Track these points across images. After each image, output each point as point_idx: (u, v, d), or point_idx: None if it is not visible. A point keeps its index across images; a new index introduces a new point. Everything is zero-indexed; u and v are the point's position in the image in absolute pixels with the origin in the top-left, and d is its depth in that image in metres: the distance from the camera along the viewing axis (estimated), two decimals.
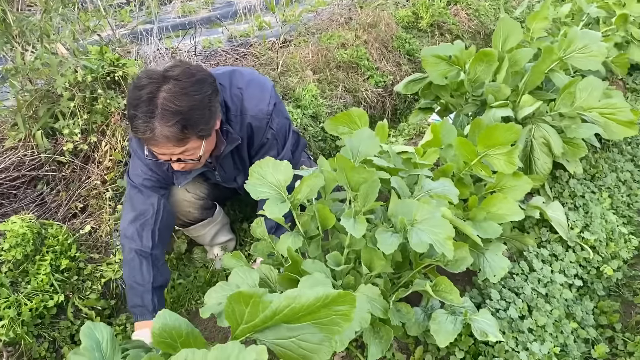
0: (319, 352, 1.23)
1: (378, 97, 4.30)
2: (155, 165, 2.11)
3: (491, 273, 1.94)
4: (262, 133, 2.18)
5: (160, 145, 1.82)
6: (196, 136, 1.85)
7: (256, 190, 1.74)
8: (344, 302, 1.18)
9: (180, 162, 1.94)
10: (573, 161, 2.88)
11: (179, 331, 1.22)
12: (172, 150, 1.86)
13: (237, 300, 1.18)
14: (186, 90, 1.78)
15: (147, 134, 1.77)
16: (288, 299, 1.17)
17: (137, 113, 1.75)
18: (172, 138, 1.79)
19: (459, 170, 2.37)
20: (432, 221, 1.61)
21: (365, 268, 1.66)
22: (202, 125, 1.84)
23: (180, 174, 2.16)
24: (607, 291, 2.50)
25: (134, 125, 1.78)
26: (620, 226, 2.73)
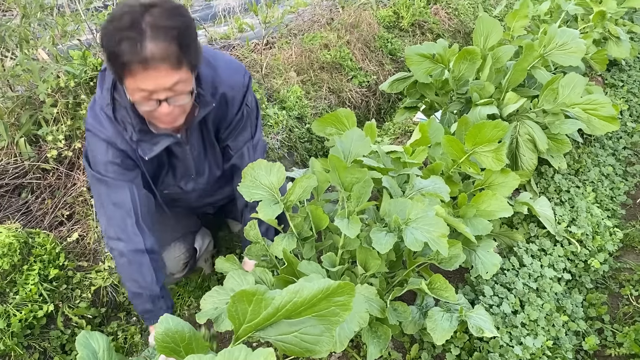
0: (320, 343, 1.24)
1: (362, 97, 4.31)
2: (117, 136, 1.77)
3: (483, 270, 1.96)
4: (237, 106, 1.94)
5: (152, 71, 1.51)
6: (188, 63, 1.58)
7: (250, 192, 1.73)
8: (343, 293, 1.19)
9: (169, 103, 1.61)
10: (557, 157, 2.92)
11: (182, 336, 1.21)
12: (165, 80, 1.54)
13: (240, 299, 1.17)
14: (172, 11, 1.54)
15: (139, 55, 1.47)
16: (290, 293, 1.18)
17: (122, 38, 1.47)
18: (170, 57, 1.50)
19: (448, 168, 2.39)
20: (426, 220, 1.62)
21: (361, 268, 1.66)
22: (194, 50, 1.59)
23: (146, 144, 1.79)
24: (595, 284, 2.55)
25: (121, 50, 1.47)
26: (605, 219, 2.78)
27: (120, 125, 1.76)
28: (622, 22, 4.65)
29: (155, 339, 1.18)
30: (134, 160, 1.85)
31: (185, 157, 1.96)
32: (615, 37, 4.15)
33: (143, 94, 1.57)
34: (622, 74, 4.48)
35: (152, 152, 1.81)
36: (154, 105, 1.61)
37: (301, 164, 3.52)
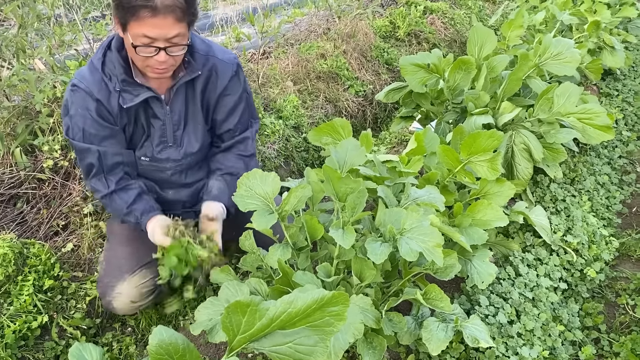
0: (314, 353, 1.23)
1: (359, 107, 4.33)
2: (96, 85, 1.91)
3: (479, 279, 1.96)
4: (226, 78, 2.08)
5: (160, 19, 1.69)
6: (189, 20, 1.79)
7: (244, 202, 1.73)
8: (337, 303, 1.19)
9: (167, 52, 1.79)
10: (553, 166, 2.93)
11: (176, 347, 1.20)
12: (168, 30, 1.73)
13: (234, 311, 1.17)
14: None
15: (149, 1, 1.66)
16: (284, 304, 1.17)
17: None
18: (177, 8, 1.70)
19: (443, 177, 2.39)
20: (421, 229, 1.62)
21: (356, 278, 1.66)
22: (194, 7, 1.79)
23: (127, 94, 1.93)
24: (591, 293, 2.54)
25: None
26: (601, 228, 2.78)
27: (106, 76, 1.91)
28: (616, 31, 4.68)
29: (149, 350, 1.18)
30: (110, 111, 1.96)
31: (164, 118, 2.05)
32: (610, 47, 4.18)
33: (145, 40, 1.74)
34: (617, 83, 4.50)
35: (132, 102, 1.95)
36: (152, 52, 1.78)
37: (297, 173, 3.53)
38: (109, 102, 1.94)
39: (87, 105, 1.93)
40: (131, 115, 2.00)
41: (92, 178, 2.04)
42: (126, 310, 2.14)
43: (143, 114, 2.02)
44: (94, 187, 2.07)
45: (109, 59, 1.91)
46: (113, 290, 2.10)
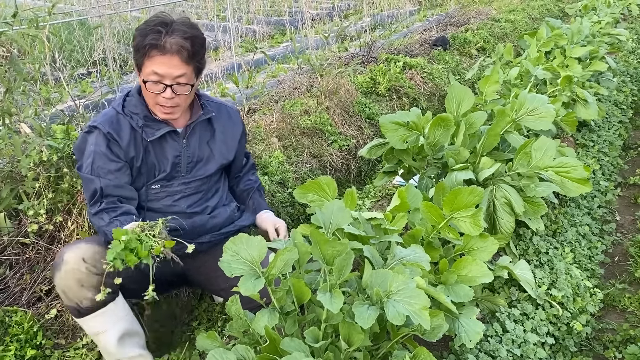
0: None
1: (343, 161, 4.39)
2: (113, 122, 2.14)
3: (467, 338, 1.96)
4: (239, 123, 2.47)
5: (167, 57, 1.99)
6: (195, 65, 2.08)
7: (230, 267, 1.73)
8: None
9: (173, 90, 2.05)
10: (535, 219, 2.98)
11: None
12: (174, 69, 2.01)
13: None
14: (193, 25, 2.08)
15: (159, 42, 1.96)
16: None
17: (150, 31, 1.98)
18: (184, 50, 1.99)
19: (428, 233, 2.42)
20: (407, 292, 1.63)
21: (344, 343, 1.66)
22: (202, 57, 2.11)
23: (149, 129, 2.17)
24: (579, 346, 2.55)
25: (147, 39, 1.97)
26: (585, 280, 2.81)
27: (126, 116, 2.15)
28: (588, 84, 4.86)
29: None
30: (123, 148, 2.13)
31: (180, 151, 2.26)
32: (583, 100, 4.33)
33: (154, 77, 2.02)
34: (592, 134, 4.64)
35: (154, 135, 2.17)
36: (160, 89, 2.04)
37: None
38: (120, 137, 2.14)
39: (99, 141, 2.13)
40: (149, 149, 2.20)
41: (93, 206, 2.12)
42: (74, 271, 2.00)
43: (160, 148, 2.22)
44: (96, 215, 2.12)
45: (129, 102, 2.19)
46: (65, 252, 2.06)
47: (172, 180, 2.27)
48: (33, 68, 3.28)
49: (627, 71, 6.45)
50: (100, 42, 5.99)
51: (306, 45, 7.14)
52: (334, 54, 6.02)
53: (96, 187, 2.09)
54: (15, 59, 2.85)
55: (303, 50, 6.69)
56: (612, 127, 4.92)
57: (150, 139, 2.17)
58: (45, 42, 3.76)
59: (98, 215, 2.07)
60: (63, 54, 5.78)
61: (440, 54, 6.78)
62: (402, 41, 7.23)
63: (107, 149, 2.12)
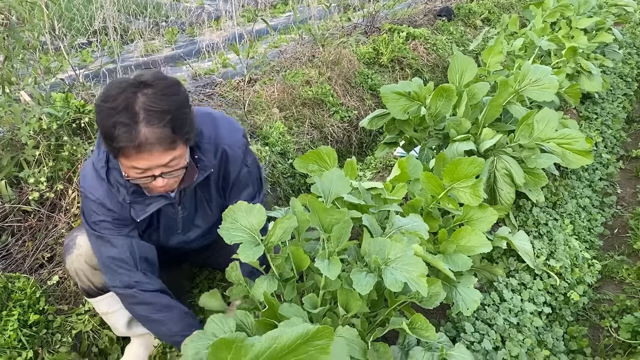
0: None
1: (344, 132, 4.38)
2: (108, 197, 1.84)
3: (464, 306, 1.98)
4: (238, 164, 1.99)
5: (146, 154, 1.58)
6: (183, 140, 1.66)
7: (230, 234, 1.74)
8: (322, 337, 1.20)
9: (164, 177, 1.69)
10: (535, 190, 2.98)
11: None
12: (159, 160, 1.62)
13: (219, 348, 1.18)
14: (165, 92, 1.60)
15: (133, 142, 1.54)
16: (269, 340, 1.18)
17: (116, 122, 1.53)
18: (164, 141, 1.58)
19: (427, 204, 2.42)
20: (405, 259, 1.64)
21: (342, 309, 1.68)
22: (187, 127, 1.66)
23: (138, 205, 1.87)
24: (575, 316, 2.58)
25: (115, 135, 1.54)
26: (583, 251, 2.82)
27: (113, 187, 1.82)
28: (593, 56, 4.81)
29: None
30: (124, 220, 1.90)
31: (175, 216, 2.01)
32: (587, 72, 4.29)
33: (137, 171, 1.66)
34: (595, 107, 4.61)
35: (145, 213, 1.88)
36: (148, 180, 1.70)
37: (284, 199, 3.54)
38: (121, 212, 1.88)
39: (102, 214, 1.87)
40: (143, 219, 1.93)
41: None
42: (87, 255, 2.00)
43: (154, 214, 1.96)
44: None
45: (112, 167, 1.81)
46: (78, 235, 2.04)
47: (169, 239, 2.10)
48: (32, 36, 3.25)
49: (634, 43, 6.36)
50: (101, 10, 5.90)
51: (309, 15, 7.04)
52: (336, 24, 5.95)
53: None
54: (14, 26, 2.82)
55: (305, 20, 6.60)
56: (616, 99, 4.87)
57: (139, 219, 1.89)
58: (44, 10, 3.70)
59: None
60: (63, 22, 5.70)
61: (445, 24, 6.69)
62: (405, 11, 7.13)
63: (114, 221, 1.89)
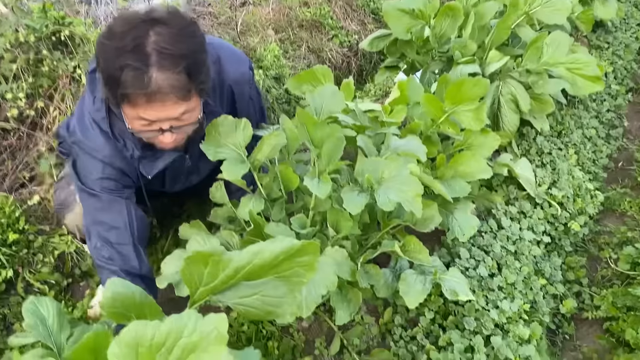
0: (282, 305, 1.17)
1: (343, 57, 4.18)
2: (115, 155, 1.63)
3: (460, 232, 1.90)
4: (245, 102, 1.82)
5: (158, 104, 1.38)
6: (197, 90, 1.45)
7: (214, 151, 1.63)
8: (306, 253, 1.11)
9: (173, 131, 1.49)
10: (540, 118, 2.85)
11: (132, 301, 1.13)
12: (171, 112, 1.42)
13: (195, 261, 1.09)
14: (182, 32, 1.39)
15: (143, 89, 1.33)
16: (250, 254, 1.10)
17: (124, 65, 1.32)
18: (179, 90, 1.37)
19: (427, 128, 2.30)
20: (400, 179, 1.54)
21: (332, 230, 1.59)
22: (203, 75, 1.45)
23: (148, 160, 1.66)
24: (574, 247, 2.51)
25: (123, 80, 1.33)
26: (587, 182, 2.73)
27: (119, 142, 1.60)
28: None
29: (102, 304, 1.10)
30: (131, 177, 1.72)
31: (182, 165, 1.82)
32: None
33: (143, 122, 1.45)
34: (607, 36, 4.38)
35: (155, 169, 1.69)
36: (155, 134, 1.50)
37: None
38: (129, 169, 1.69)
39: (107, 173, 1.67)
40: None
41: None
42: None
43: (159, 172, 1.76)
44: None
45: (116, 118, 1.57)
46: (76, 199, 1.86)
47: (173, 186, 1.94)
48: None
49: None
50: None
51: None
52: None
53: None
54: None
55: None
56: (630, 29, 4.63)
57: (151, 175, 1.69)
58: None
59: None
60: None
61: None
62: None
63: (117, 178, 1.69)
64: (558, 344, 2.17)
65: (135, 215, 1.74)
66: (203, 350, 0.94)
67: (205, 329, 0.94)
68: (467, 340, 1.75)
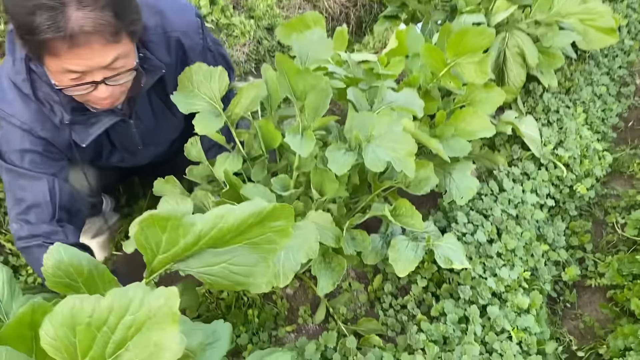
0: (254, 274, 1.04)
1: (341, 8, 3.95)
2: (37, 121, 1.43)
3: (458, 194, 1.76)
4: (199, 52, 1.58)
5: (83, 49, 1.19)
6: (128, 32, 1.26)
7: (186, 102, 1.47)
8: (280, 217, 0.98)
9: (107, 83, 1.31)
10: (548, 73, 2.66)
11: (79, 269, 1.00)
12: (100, 58, 1.23)
13: (150, 226, 0.95)
14: None
15: (62, 31, 1.14)
16: (215, 218, 0.96)
17: (36, 6, 1.12)
18: (104, 29, 1.18)
19: (427, 82, 2.13)
20: (392, 136, 1.39)
21: (316, 192, 1.44)
22: (133, 13, 1.27)
23: (81, 126, 1.47)
24: (579, 211, 2.37)
25: (36, 25, 1.13)
26: (595, 142, 2.57)
27: (45, 106, 1.41)
28: None
29: (44, 273, 0.96)
30: (59, 148, 1.52)
31: (129, 132, 1.62)
32: None
33: (72, 75, 1.26)
34: None
35: (90, 135, 1.49)
36: (87, 89, 1.30)
37: None
38: (58, 138, 1.48)
39: (30, 143, 1.46)
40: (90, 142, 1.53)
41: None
42: None
43: (103, 134, 1.55)
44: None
45: (39, 79, 1.38)
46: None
47: (133, 155, 1.75)
48: None
49: None
50: None
51: None
52: None
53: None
54: None
55: None
56: None
57: (85, 143, 1.50)
58: None
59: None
60: None
61: None
62: None
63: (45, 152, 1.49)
64: (558, 312, 2.06)
65: (61, 191, 1.54)
66: (150, 329, 0.81)
67: (154, 304, 0.81)
68: (462, 310, 1.63)
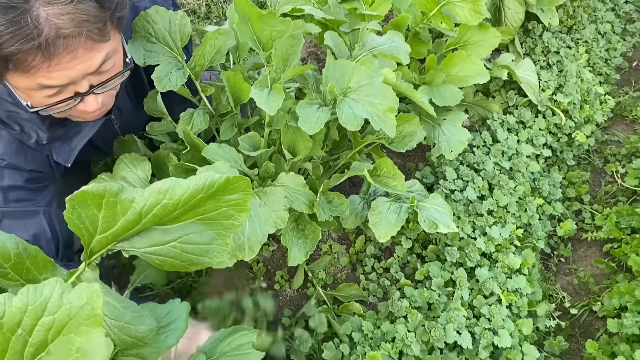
0: (210, 253, 0.93)
1: None
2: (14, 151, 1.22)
3: (447, 148, 1.63)
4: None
5: (64, 56, 0.97)
6: (114, 22, 1.05)
7: (142, 53, 1.31)
8: (235, 190, 0.86)
9: (96, 92, 1.10)
10: (549, 10, 2.47)
11: (5, 253, 0.88)
12: (87, 62, 1.02)
13: (83, 203, 0.82)
14: None
15: (34, 39, 0.91)
16: (158, 194, 0.84)
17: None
18: (91, 24, 0.96)
19: (416, 23, 1.96)
20: (371, 88, 1.24)
21: (287, 152, 1.31)
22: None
23: (61, 142, 1.27)
24: (578, 160, 2.24)
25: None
26: (597, 85, 2.40)
27: (12, 129, 1.19)
28: None
29: None
30: (42, 172, 1.30)
31: (110, 128, 1.42)
32: None
33: (48, 92, 1.03)
34: None
35: (74, 150, 1.28)
36: (70, 104, 1.09)
37: None
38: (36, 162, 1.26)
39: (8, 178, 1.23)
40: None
41: None
42: None
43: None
44: None
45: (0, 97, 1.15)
46: None
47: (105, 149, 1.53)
48: None
49: None
50: None
51: None
52: None
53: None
54: None
55: None
56: None
57: (69, 163, 1.29)
58: None
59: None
60: None
61: None
62: None
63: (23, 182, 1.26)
64: (552, 267, 1.98)
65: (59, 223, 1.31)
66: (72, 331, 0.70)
67: (74, 304, 0.70)
68: (448, 273, 1.53)
